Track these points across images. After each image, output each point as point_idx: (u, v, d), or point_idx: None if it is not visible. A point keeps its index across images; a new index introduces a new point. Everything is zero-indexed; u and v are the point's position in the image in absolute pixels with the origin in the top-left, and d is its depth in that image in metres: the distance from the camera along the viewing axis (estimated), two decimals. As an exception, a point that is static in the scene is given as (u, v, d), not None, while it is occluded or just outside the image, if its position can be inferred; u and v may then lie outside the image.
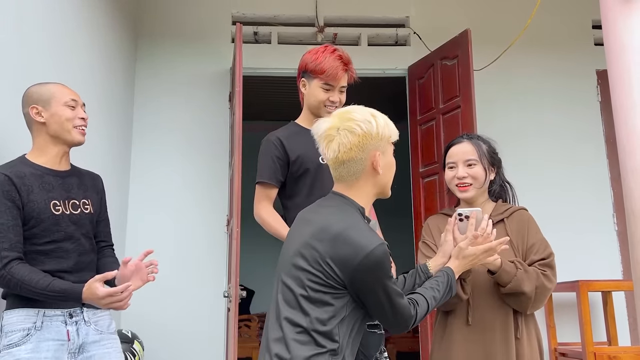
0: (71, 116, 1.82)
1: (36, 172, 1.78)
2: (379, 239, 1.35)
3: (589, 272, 3.47)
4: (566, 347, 3.31)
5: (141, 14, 3.90)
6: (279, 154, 2.08)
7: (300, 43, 4.01)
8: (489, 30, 3.86)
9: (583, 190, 3.80)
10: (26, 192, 1.73)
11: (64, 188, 1.82)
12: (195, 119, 3.80)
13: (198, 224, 3.64)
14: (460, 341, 1.77)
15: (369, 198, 1.47)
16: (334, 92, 2.07)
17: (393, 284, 1.38)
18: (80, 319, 1.79)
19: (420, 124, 3.67)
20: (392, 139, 1.48)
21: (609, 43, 2.08)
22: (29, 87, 1.87)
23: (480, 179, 1.87)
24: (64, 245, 1.78)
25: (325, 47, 2.11)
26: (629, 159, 2.00)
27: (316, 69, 2.05)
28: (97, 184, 1.99)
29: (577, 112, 3.93)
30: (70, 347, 1.74)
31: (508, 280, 1.72)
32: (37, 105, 1.81)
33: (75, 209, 1.83)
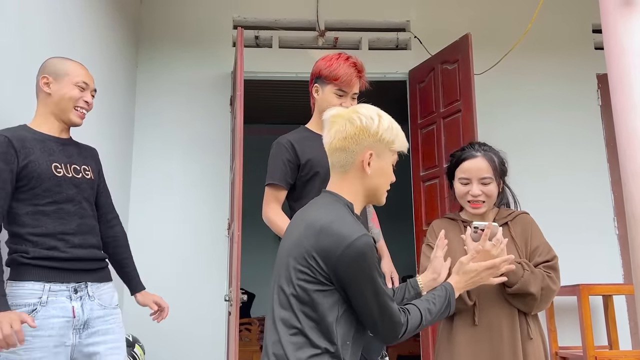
0: (77, 96, 1.87)
1: (37, 137, 1.82)
2: (363, 230, 1.33)
3: (589, 275, 3.47)
4: (567, 351, 3.31)
5: (142, 18, 3.91)
6: (290, 157, 2.11)
7: (301, 47, 4.02)
8: (490, 34, 3.87)
9: (584, 194, 3.81)
10: (25, 154, 1.75)
11: (64, 153, 1.86)
12: (196, 123, 3.80)
13: (199, 227, 3.64)
14: (467, 342, 1.77)
15: (358, 196, 1.45)
16: (346, 98, 2.11)
17: (381, 282, 1.35)
18: (85, 294, 1.81)
19: (421, 127, 3.68)
20: (394, 146, 1.45)
21: (609, 46, 2.09)
22: (50, 58, 1.92)
23: (493, 197, 1.88)
24: (66, 207, 1.81)
25: (339, 54, 2.15)
26: (629, 162, 2.01)
27: (330, 75, 2.09)
28: (94, 154, 2.04)
29: (577, 116, 3.94)
30: (75, 324, 1.76)
31: (515, 281, 1.73)
32: (48, 76, 1.86)
33: (77, 173, 1.87)
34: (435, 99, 3.52)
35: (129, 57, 3.68)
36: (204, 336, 3.44)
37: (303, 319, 1.32)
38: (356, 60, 2.14)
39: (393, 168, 1.49)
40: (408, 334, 1.42)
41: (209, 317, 3.46)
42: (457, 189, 1.90)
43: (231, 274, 3.11)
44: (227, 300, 3.07)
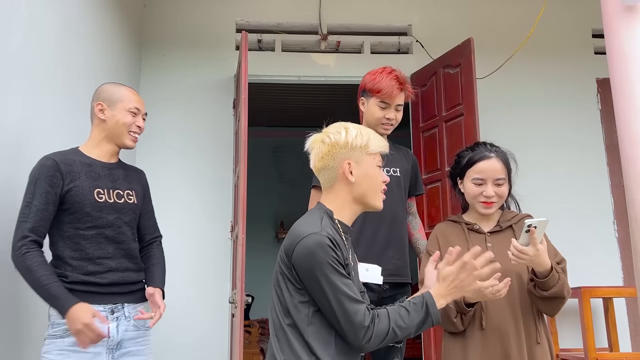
0: (129, 122, 1.98)
1: (85, 161, 1.92)
2: (318, 229, 1.40)
3: (590, 278, 3.49)
4: (568, 353, 3.33)
5: (145, 22, 3.93)
6: None
7: (304, 51, 4.05)
8: (491, 38, 3.90)
9: (584, 197, 3.83)
10: (71, 179, 1.85)
11: (109, 178, 1.95)
12: (198, 126, 3.82)
13: (201, 230, 3.66)
14: (476, 346, 1.78)
15: (346, 203, 1.52)
16: (390, 109, 2.23)
17: (340, 281, 1.36)
18: (121, 315, 1.89)
19: (423, 131, 3.71)
20: (369, 149, 1.52)
21: (611, 52, 2.12)
22: (104, 84, 2.04)
23: (504, 197, 1.90)
24: (105, 231, 1.89)
25: (384, 68, 2.28)
26: (631, 167, 2.03)
27: (373, 88, 2.23)
28: (141, 177, 2.14)
29: (577, 120, 3.97)
30: (109, 344, 1.84)
31: (553, 284, 1.72)
32: (102, 103, 1.97)
33: (119, 198, 1.95)
34: (437, 102, 3.55)
35: (132, 61, 3.70)
36: (206, 338, 3.45)
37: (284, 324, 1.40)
38: (399, 73, 2.26)
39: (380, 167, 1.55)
40: (376, 340, 1.38)
41: (211, 319, 3.48)
42: (469, 189, 1.89)
43: (235, 276, 3.13)
44: (232, 302, 3.08)
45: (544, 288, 1.74)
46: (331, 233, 1.42)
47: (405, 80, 2.25)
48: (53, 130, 2.41)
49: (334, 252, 1.38)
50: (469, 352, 1.78)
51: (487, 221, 1.94)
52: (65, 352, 1.76)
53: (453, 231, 1.94)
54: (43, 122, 2.32)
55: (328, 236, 1.39)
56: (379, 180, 1.53)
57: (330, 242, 1.39)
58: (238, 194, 3.03)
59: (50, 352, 1.77)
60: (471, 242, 1.88)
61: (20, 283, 2.00)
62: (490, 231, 1.92)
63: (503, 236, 1.90)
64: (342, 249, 1.43)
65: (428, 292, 1.47)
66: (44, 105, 2.34)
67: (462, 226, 1.94)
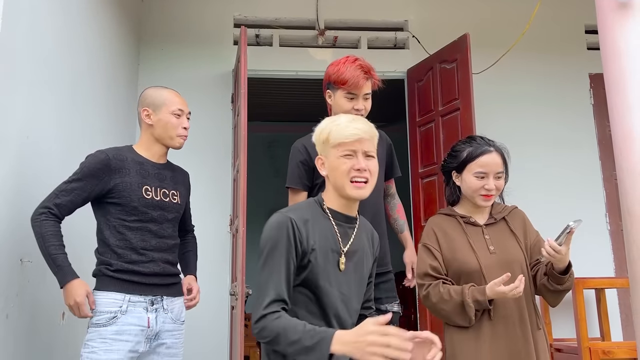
0: (176, 124, 2.06)
1: (137, 159, 2.03)
2: (289, 211, 1.50)
3: (582, 270, 3.55)
4: (562, 343, 3.40)
5: (143, 18, 3.94)
6: (303, 159, 2.20)
7: (301, 45, 4.07)
8: (487, 34, 3.95)
9: (576, 191, 3.90)
10: (121, 174, 1.95)
11: (158, 178, 2.05)
12: (196, 121, 3.80)
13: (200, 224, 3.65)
14: (485, 336, 1.82)
15: (333, 195, 1.57)
16: (357, 100, 2.16)
17: (275, 262, 1.40)
18: (160, 307, 1.98)
19: (419, 125, 3.75)
20: (331, 142, 1.54)
21: (605, 48, 2.17)
22: (147, 89, 2.13)
23: (500, 190, 1.97)
24: (149, 225, 1.98)
25: (347, 58, 2.20)
26: (624, 160, 2.09)
27: (339, 80, 2.15)
28: (186, 179, 2.24)
29: (570, 115, 4.03)
30: (148, 333, 1.93)
31: (565, 279, 1.81)
32: (148, 108, 2.06)
33: (165, 197, 2.05)
34: (434, 97, 3.59)
35: (131, 56, 3.71)
36: (206, 330, 3.48)
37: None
38: (363, 61, 2.19)
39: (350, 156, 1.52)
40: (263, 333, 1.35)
41: (211, 312, 3.51)
42: (470, 182, 1.91)
43: (235, 268, 3.16)
44: (232, 294, 3.12)
45: (560, 282, 1.82)
46: (304, 216, 1.49)
47: (370, 68, 2.19)
48: (56, 125, 2.43)
49: (290, 233, 1.44)
50: (480, 343, 1.81)
51: (479, 213, 1.98)
52: (108, 341, 1.84)
53: (449, 224, 1.97)
54: (46, 117, 2.34)
55: (290, 217, 1.47)
56: (343, 169, 1.51)
57: (292, 222, 1.45)
58: (238, 188, 3.06)
59: (94, 339, 1.85)
60: (469, 235, 1.92)
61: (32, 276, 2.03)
62: (486, 223, 1.96)
63: (498, 228, 1.95)
64: (310, 234, 1.47)
65: (333, 332, 1.31)
66: (47, 100, 2.35)
67: (458, 219, 1.97)
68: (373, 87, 2.21)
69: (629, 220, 2.03)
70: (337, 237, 1.54)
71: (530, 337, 1.82)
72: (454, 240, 1.92)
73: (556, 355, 3.36)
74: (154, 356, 1.97)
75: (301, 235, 1.46)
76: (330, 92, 2.23)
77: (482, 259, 1.87)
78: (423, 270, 1.91)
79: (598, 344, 2.98)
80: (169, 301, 2.02)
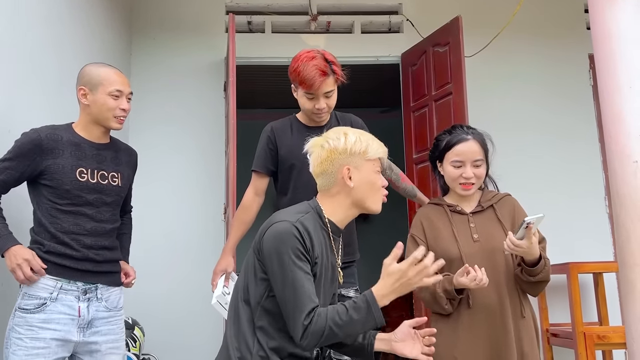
0: (113, 106, 1.96)
1: (74, 140, 1.94)
2: (295, 220, 1.44)
3: (580, 254, 3.53)
4: (558, 327, 3.38)
5: (135, 7, 3.91)
6: (270, 144, 2.18)
7: (294, 32, 4.03)
8: (481, 16, 3.88)
9: (575, 174, 3.85)
10: (53, 155, 1.87)
11: (96, 159, 1.97)
12: (190, 109, 3.83)
13: (195, 212, 3.70)
14: (464, 325, 1.83)
15: (342, 206, 1.56)
16: (318, 99, 2.08)
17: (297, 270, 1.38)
18: (93, 296, 1.92)
19: (413, 110, 3.71)
20: (368, 155, 1.54)
21: (595, 30, 2.13)
22: (86, 66, 2.02)
23: (482, 178, 1.94)
24: (83, 209, 1.91)
25: (307, 53, 2.09)
26: (614, 142, 2.05)
27: (296, 79, 2.08)
28: (132, 159, 2.14)
29: (569, 96, 3.96)
30: (80, 323, 1.87)
31: (540, 271, 1.80)
32: (84, 87, 1.96)
33: (103, 179, 1.97)
34: (427, 82, 3.55)
35: (123, 46, 3.69)
36: (201, 317, 3.50)
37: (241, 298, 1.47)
38: (319, 60, 2.04)
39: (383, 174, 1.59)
40: (314, 339, 1.36)
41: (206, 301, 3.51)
42: (448, 172, 1.93)
43: (228, 257, 3.16)
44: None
45: (532, 274, 1.80)
46: (307, 227, 1.45)
47: (326, 66, 2.04)
48: (41, 117, 2.41)
49: (301, 243, 1.42)
50: (458, 331, 1.83)
51: (468, 202, 1.97)
52: (34, 329, 1.79)
53: (436, 214, 1.98)
54: (31, 109, 2.33)
55: (300, 227, 1.43)
56: (378, 185, 1.56)
57: (300, 233, 1.42)
58: (228, 176, 3.06)
59: (21, 325, 1.80)
60: (454, 223, 1.92)
61: None
62: (473, 211, 1.95)
63: (485, 216, 1.94)
64: (314, 245, 1.45)
65: (370, 291, 1.40)
66: (32, 91, 2.34)
67: (445, 208, 1.98)
68: (336, 82, 2.11)
69: (618, 203, 1.99)
70: (334, 249, 1.56)
71: (510, 325, 1.81)
72: (438, 229, 1.94)
73: (552, 340, 3.34)
74: (92, 346, 1.90)
75: (307, 245, 1.44)
76: (294, 87, 2.18)
77: (464, 247, 1.87)
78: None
79: (593, 329, 2.96)
80: (104, 289, 1.95)
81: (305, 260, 1.41)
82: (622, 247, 1.94)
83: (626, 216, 1.93)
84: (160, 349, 3.31)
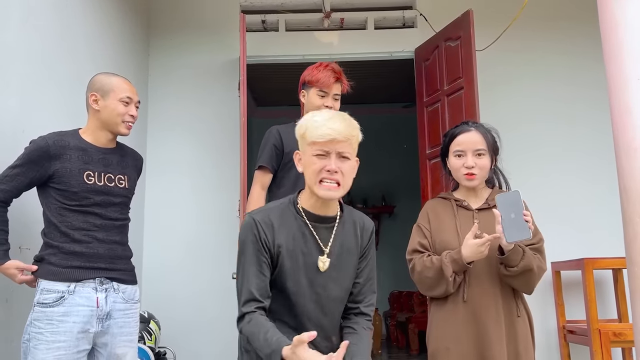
0: (122, 112, 2.06)
1: (80, 145, 2.03)
2: (255, 214, 1.53)
3: (598, 250, 3.46)
4: (574, 324, 3.32)
5: (152, 7, 4.00)
6: (276, 143, 2.38)
7: (308, 29, 4.05)
8: (493, 9, 3.81)
9: (591, 167, 3.76)
10: (61, 160, 1.96)
11: (102, 163, 2.05)
12: (207, 108, 3.90)
13: (212, 209, 3.76)
14: (456, 318, 1.84)
15: (307, 192, 1.58)
16: (328, 98, 2.42)
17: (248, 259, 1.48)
18: (110, 287, 1.98)
19: (426, 106, 3.69)
20: (307, 139, 1.52)
21: (603, 19, 2.10)
22: (97, 74, 2.13)
23: (486, 169, 1.93)
24: (92, 209, 1.99)
25: (320, 63, 2.49)
26: (621, 136, 2.02)
27: (312, 79, 2.43)
28: (137, 163, 2.23)
29: (582, 87, 3.86)
30: (98, 314, 1.93)
31: (519, 258, 1.77)
32: (96, 94, 2.06)
33: (110, 182, 2.05)
34: (440, 76, 3.52)
35: (141, 47, 3.78)
36: (217, 313, 3.56)
37: None
38: (335, 66, 2.47)
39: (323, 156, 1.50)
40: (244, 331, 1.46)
41: (220, 295, 3.59)
42: (452, 163, 1.94)
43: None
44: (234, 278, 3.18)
45: (511, 264, 1.78)
46: (271, 218, 1.51)
47: (341, 73, 2.46)
48: (56, 118, 2.50)
49: (256, 235, 1.48)
50: (452, 324, 1.84)
51: (476, 198, 1.97)
52: (54, 322, 1.85)
53: (443, 206, 1.99)
54: (44, 111, 2.41)
55: (255, 218, 1.50)
56: (314, 169, 1.50)
57: (256, 224, 1.49)
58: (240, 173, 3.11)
59: (41, 319, 1.85)
60: (459, 218, 1.93)
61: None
62: (478, 208, 1.95)
63: (490, 213, 1.92)
64: (276, 235, 1.50)
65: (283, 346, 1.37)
66: (46, 92, 2.43)
67: (452, 202, 1.98)
68: (342, 90, 2.47)
69: (625, 198, 1.95)
70: (314, 237, 1.55)
71: (502, 322, 1.81)
72: (443, 222, 1.95)
73: (569, 336, 3.29)
74: (107, 337, 1.96)
75: (266, 236, 1.49)
76: (304, 91, 2.48)
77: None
78: (412, 247, 1.96)
79: (608, 326, 2.90)
80: (119, 283, 2.02)
81: (259, 250, 1.48)
82: (629, 244, 1.90)
83: (633, 211, 1.89)
84: (176, 342, 3.39)
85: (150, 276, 3.61)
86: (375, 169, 6.69)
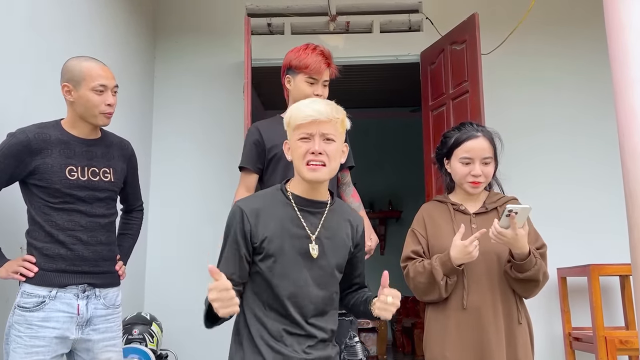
0: (97, 102, 1.89)
1: (62, 138, 1.90)
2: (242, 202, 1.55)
3: (606, 256, 3.41)
4: (580, 331, 3.28)
5: (158, 10, 4.02)
6: (256, 141, 2.22)
7: (313, 32, 4.05)
8: (499, 13, 3.80)
9: (597, 173, 3.72)
10: (42, 155, 1.85)
11: (86, 156, 1.93)
12: (212, 110, 3.91)
13: (216, 211, 3.75)
14: (456, 327, 1.81)
15: (299, 182, 1.57)
16: (317, 85, 2.20)
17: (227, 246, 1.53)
18: (92, 294, 1.92)
19: (432, 109, 3.67)
20: (291, 125, 1.54)
21: (609, 22, 2.08)
22: (68, 60, 1.95)
23: (490, 176, 1.91)
24: (76, 206, 1.89)
25: (307, 45, 2.25)
26: (627, 140, 2.00)
27: (300, 65, 2.19)
28: (125, 153, 2.09)
29: (588, 92, 3.83)
30: (78, 320, 1.88)
31: (529, 268, 1.75)
32: (68, 84, 1.90)
33: (94, 176, 1.94)
34: (445, 80, 3.51)
35: (146, 49, 3.80)
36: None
37: None
38: (324, 49, 2.23)
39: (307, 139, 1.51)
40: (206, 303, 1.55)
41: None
42: (457, 169, 1.90)
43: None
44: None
45: (520, 270, 1.76)
46: (257, 207, 1.53)
47: (330, 56, 2.24)
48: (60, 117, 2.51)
49: (239, 221, 1.51)
50: (450, 331, 1.81)
51: (472, 202, 1.94)
52: (34, 327, 1.80)
53: (439, 211, 1.95)
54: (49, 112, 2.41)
55: (244, 208, 1.53)
56: (299, 153, 1.51)
57: (242, 215, 1.51)
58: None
59: (20, 323, 1.81)
60: (456, 223, 1.90)
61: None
62: (476, 212, 1.92)
63: (488, 217, 1.90)
64: (261, 223, 1.51)
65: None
66: (51, 92, 2.43)
67: (448, 206, 1.95)
68: (331, 75, 2.25)
69: (631, 203, 1.93)
70: (302, 222, 1.54)
71: (502, 328, 1.79)
72: (439, 226, 1.92)
73: (574, 344, 3.24)
74: (89, 343, 1.91)
75: (250, 224, 1.50)
76: (289, 77, 2.25)
77: None
78: (406, 254, 1.94)
79: (614, 333, 2.86)
80: (102, 288, 1.96)
81: (239, 238, 1.51)
82: (635, 249, 1.87)
83: (639, 216, 1.86)
84: (178, 345, 3.38)
85: (153, 278, 3.62)
86: (382, 173, 6.68)
